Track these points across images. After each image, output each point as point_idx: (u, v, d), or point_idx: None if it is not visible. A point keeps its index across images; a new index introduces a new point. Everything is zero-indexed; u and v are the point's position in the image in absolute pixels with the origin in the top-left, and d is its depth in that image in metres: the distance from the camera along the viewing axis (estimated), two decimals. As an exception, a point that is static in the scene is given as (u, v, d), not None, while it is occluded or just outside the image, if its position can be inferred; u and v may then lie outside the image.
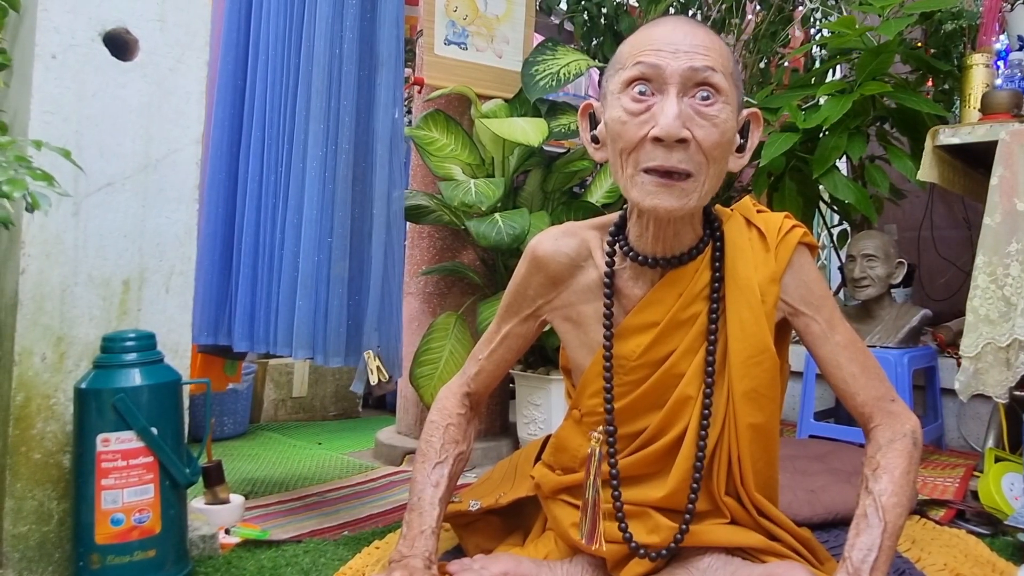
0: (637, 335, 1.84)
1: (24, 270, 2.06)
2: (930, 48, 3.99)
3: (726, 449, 1.81)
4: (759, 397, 1.81)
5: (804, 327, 1.86)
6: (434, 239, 3.87)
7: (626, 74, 1.69)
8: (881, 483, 1.71)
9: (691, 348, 1.82)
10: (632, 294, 1.87)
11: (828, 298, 1.88)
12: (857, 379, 1.82)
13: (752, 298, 1.81)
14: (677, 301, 1.82)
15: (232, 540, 2.46)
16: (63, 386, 2.12)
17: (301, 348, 2.56)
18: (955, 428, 3.82)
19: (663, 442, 1.83)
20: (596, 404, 1.89)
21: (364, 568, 2.19)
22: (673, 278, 1.84)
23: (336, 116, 2.61)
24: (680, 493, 1.82)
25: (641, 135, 1.66)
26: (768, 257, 1.84)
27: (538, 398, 3.60)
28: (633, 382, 1.85)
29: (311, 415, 5.06)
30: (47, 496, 2.11)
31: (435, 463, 1.99)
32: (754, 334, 1.80)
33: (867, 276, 3.62)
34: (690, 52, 1.66)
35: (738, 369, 1.80)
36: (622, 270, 1.89)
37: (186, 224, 2.34)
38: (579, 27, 4.86)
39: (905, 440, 1.76)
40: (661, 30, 1.70)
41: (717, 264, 1.84)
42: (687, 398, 1.82)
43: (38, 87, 2.09)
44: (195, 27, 2.34)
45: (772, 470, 1.90)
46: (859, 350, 1.85)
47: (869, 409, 1.82)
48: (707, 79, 1.65)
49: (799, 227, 1.89)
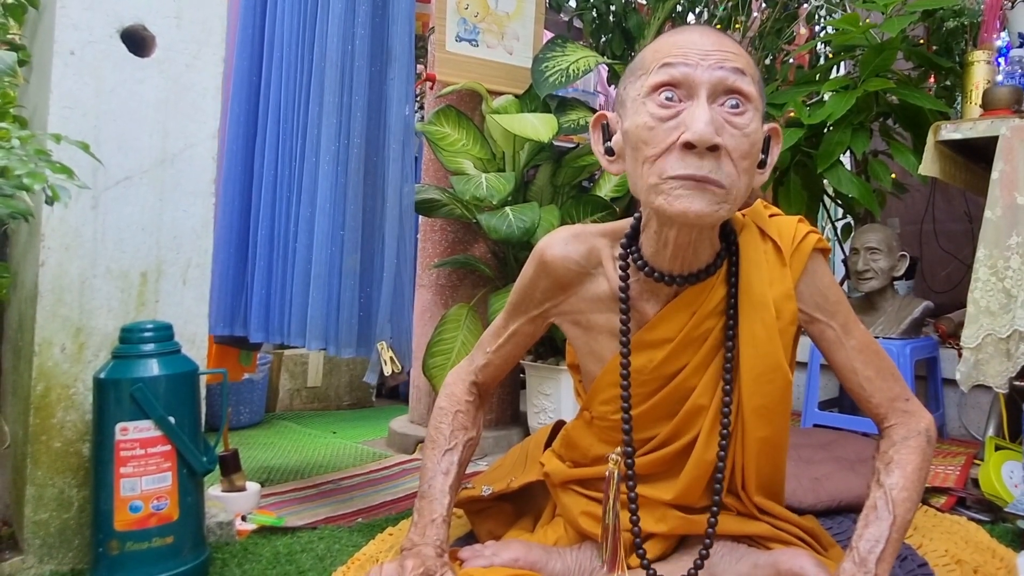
0: (649, 350, 1.80)
1: (44, 262, 2.06)
2: (932, 45, 3.99)
3: (731, 458, 1.80)
4: (769, 413, 1.78)
5: (819, 333, 1.82)
6: (446, 232, 3.87)
7: (652, 79, 1.57)
8: (893, 477, 1.69)
9: (703, 363, 1.79)
10: (644, 310, 1.82)
11: (842, 303, 1.83)
12: (872, 382, 1.80)
13: (767, 315, 1.76)
14: (691, 319, 1.77)
15: (248, 527, 2.46)
16: (82, 376, 2.12)
17: (314, 339, 2.56)
18: (956, 417, 3.81)
19: (673, 448, 1.82)
20: (607, 411, 1.87)
21: (378, 554, 2.18)
22: (688, 297, 1.78)
23: (348, 111, 2.61)
24: (688, 496, 1.81)
25: (670, 141, 1.54)
26: (784, 272, 1.78)
27: (548, 388, 3.60)
28: (645, 394, 1.82)
29: (326, 404, 5.07)
30: (67, 484, 2.11)
31: (445, 450, 1.97)
32: (767, 352, 1.75)
33: (870, 269, 3.62)
34: (718, 55, 1.56)
35: (749, 386, 1.77)
36: (635, 283, 1.81)
37: (203, 217, 2.33)
38: (588, 24, 4.86)
39: (919, 438, 1.75)
40: (687, 36, 1.60)
41: (733, 280, 1.78)
42: (700, 408, 1.79)
43: (57, 83, 2.08)
44: (211, 24, 2.34)
45: (779, 475, 1.89)
46: (874, 352, 1.81)
47: (884, 410, 1.80)
48: (737, 85, 1.55)
49: (813, 233, 1.83)
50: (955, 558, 2.14)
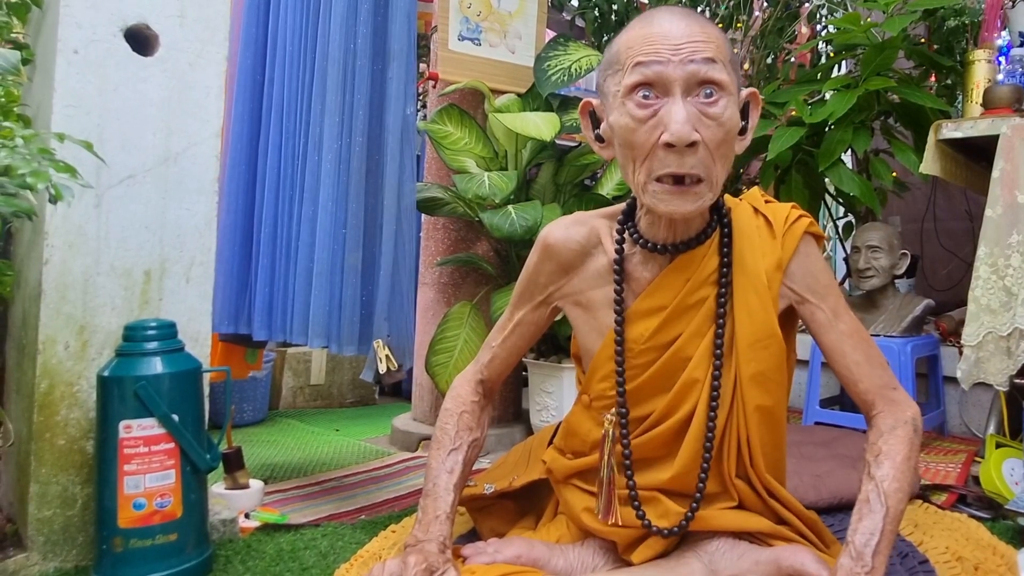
0: (645, 319, 1.83)
1: (47, 260, 2.06)
2: (933, 44, 3.98)
3: (735, 432, 1.81)
4: (766, 381, 1.80)
5: (810, 315, 1.85)
6: (449, 230, 3.86)
7: (628, 79, 1.64)
8: (883, 469, 1.70)
9: (698, 332, 1.81)
10: (642, 277, 1.86)
11: (833, 287, 1.86)
12: (861, 367, 1.81)
13: (759, 284, 1.80)
14: (685, 286, 1.81)
15: (252, 524, 2.46)
16: (86, 374, 2.12)
17: (316, 337, 2.56)
18: (957, 415, 3.80)
19: (670, 424, 1.82)
20: (605, 388, 1.89)
21: (380, 551, 2.18)
22: (682, 263, 1.82)
23: (350, 110, 2.61)
24: (688, 475, 1.81)
25: (652, 141, 1.62)
26: (775, 244, 1.83)
27: (550, 386, 3.60)
28: (641, 365, 1.84)
29: (329, 402, 5.06)
30: (71, 481, 2.11)
31: (449, 450, 1.97)
32: (761, 320, 1.79)
33: (871, 267, 3.62)
34: (689, 48, 1.61)
35: (745, 353, 1.79)
36: (631, 255, 1.87)
37: (206, 215, 2.33)
38: (590, 23, 4.86)
39: (906, 427, 1.75)
40: (657, 28, 1.65)
41: (725, 250, 1.82)
42: (694, 381, 1.81)
43: (61, 81, 2.08)
44: (214, 23, 2.34)
45: (780, 453, 1.90)
46: (863, 339, 1.84)
47: (871, 396, 1.81)
48: (709, 76, 1.61)
49: (806, 217, 1.87)
50: (956, 555, 2.14)
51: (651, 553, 1.82)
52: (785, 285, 1.83)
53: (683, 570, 1.77)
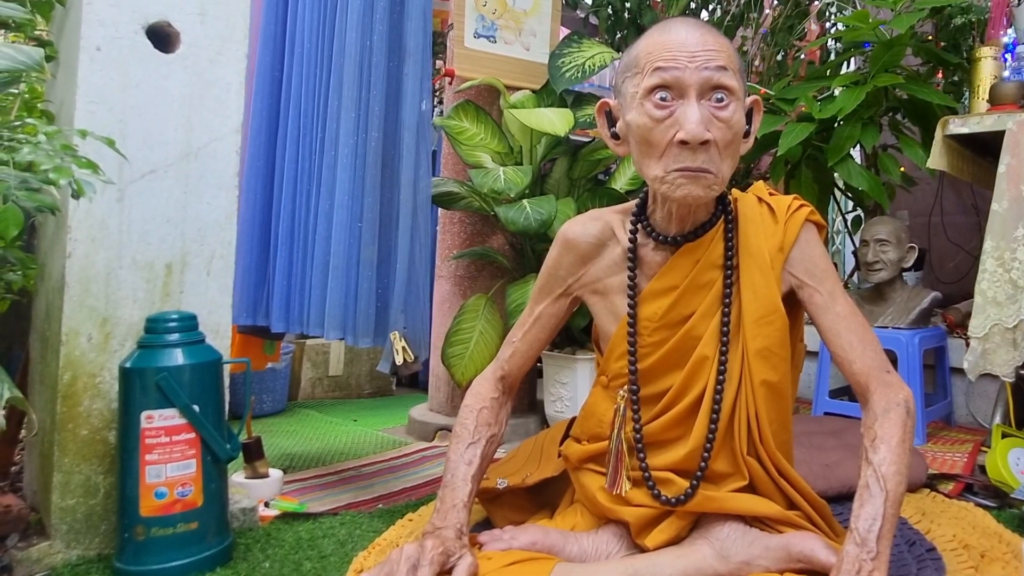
0: (658, 298, 1.90)
1: (70, 254, 2.05)
2: (940, 41, 3.96)
3: (744, 408, 1.85)
4: (771, 356, 1.86)
5: (808, 298, 1.90)
6: (464, 224, 3.86)
7: (647, 82, 1.74)
8: (880, 453, 1.71)
9: (708, 312, 1.88)
10: (653, 262, 1.94)
11: (831, 272, 1.92)
12: (855, 348, 1.85)
13: (763, 263, 1.88)
14: (695, 267, 1.89)
15: (271, 513, 2.46)
16: (108, 365, 2.12)
17: (333, 329, 2.56)
18: (964, 405, 3.80)
19: (683, 404, 1.87)
20: (622, 367, 1.93)
21: (398, 539, 2.18)
22: (690, 248, 1.90)
23: (366, 106, 2.60)
24: (699, 452, 1.85)
25: (668, 138, 1.72)
26: (777, 229, 1.92)
27: (564, 376, 3.59)
28: (655, 343, 1.91)
29: (347, 393, 5.07)
30: (93, 471, 2.11)
31: (468, 443, 2.00)
32: (765, 296, 1.86)
33: (880, 260, 3.61)
34: (704, 56, 1.72)
35: (751, 328, 1.85)
36: (644, 244, 1.95)
37: (226, 210, 2.32)
38: (603, 21, 4.85)
39: (899, 409, 1.77)
40: (675, 36, 1.75)
41: (730, 235, 1.91)
42: (704, 358, 1.86)
43: (83, 78, 2.08)
44: (234, 20, 2.33)
45: (787, 434, 1.93)
46: (858, 322, 1.88)
47: (864, 378, 1.83)
48: (721, 82, 1.71)
49: (806, 206, 1.96)
50: (963, 543, 2.15)
51: (664, 538, 1.82)
52: (786, 270, 1.91)
53: (695, 555, 1.78)
